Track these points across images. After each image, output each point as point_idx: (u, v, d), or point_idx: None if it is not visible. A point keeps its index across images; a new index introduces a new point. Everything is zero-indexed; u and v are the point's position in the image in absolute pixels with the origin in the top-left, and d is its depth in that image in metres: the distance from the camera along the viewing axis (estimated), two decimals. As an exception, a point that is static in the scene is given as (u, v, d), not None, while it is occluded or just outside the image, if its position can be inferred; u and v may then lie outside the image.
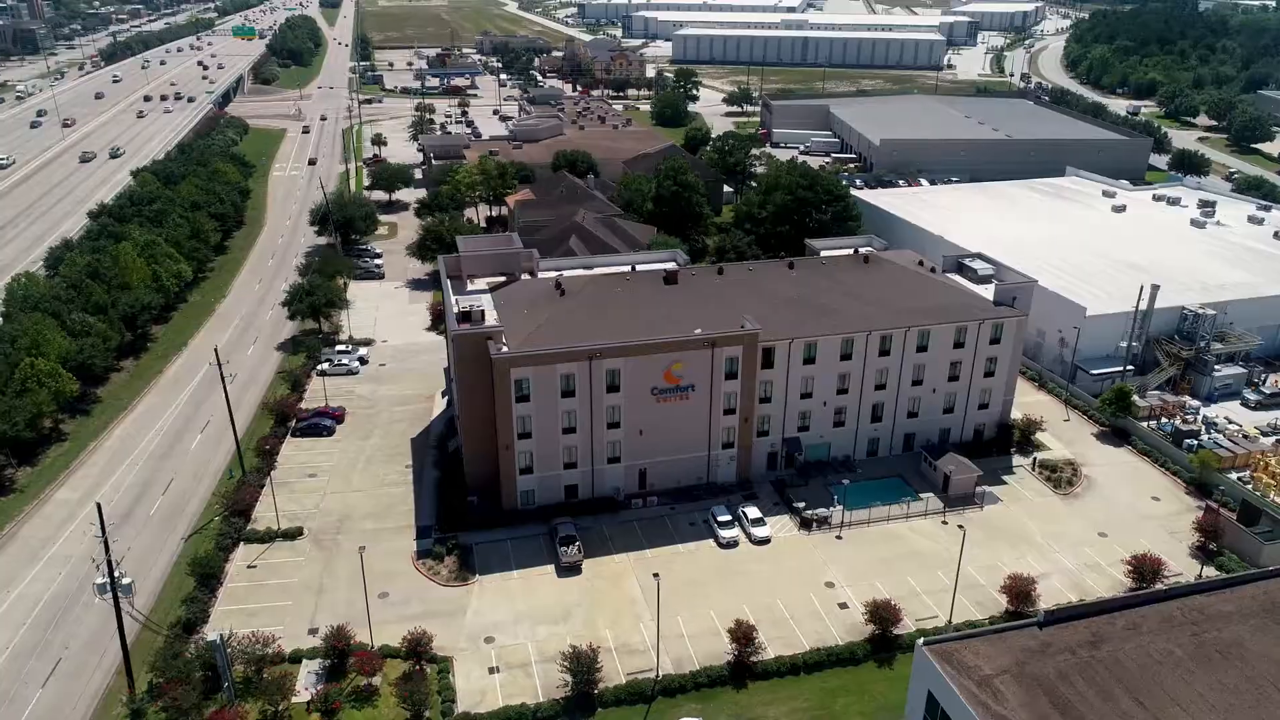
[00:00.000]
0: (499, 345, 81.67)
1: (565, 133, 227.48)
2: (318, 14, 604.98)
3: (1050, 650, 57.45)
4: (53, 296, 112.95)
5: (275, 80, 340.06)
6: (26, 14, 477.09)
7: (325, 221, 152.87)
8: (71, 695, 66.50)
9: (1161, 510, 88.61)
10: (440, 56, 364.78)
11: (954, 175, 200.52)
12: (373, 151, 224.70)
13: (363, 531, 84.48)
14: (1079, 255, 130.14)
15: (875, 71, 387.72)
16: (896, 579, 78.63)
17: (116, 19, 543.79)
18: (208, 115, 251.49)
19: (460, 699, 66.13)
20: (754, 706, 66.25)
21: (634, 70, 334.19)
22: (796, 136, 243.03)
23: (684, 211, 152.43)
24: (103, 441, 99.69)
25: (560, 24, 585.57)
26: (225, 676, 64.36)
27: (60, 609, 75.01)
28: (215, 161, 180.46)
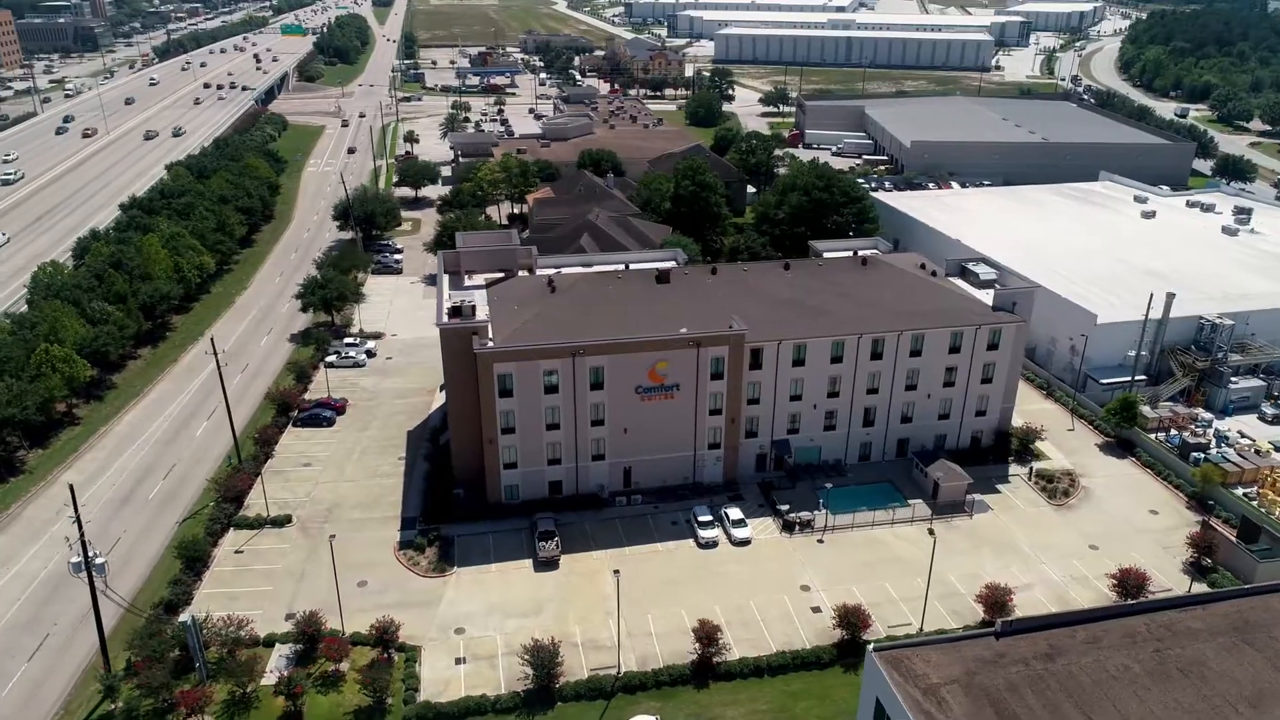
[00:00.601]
0: (483, 340, 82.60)
1: (595, 132, 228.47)
2: (369, 12, 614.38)
3: (1004, 661, 56.49)
4: (74, 285, 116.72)
5: (320, 78, 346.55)
6: (89, 12, 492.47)
7: (346, 216, 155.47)
8: (55, 670, 68.84)
9: (1158, 524, 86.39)
10: (482, 55, 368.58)
11: (986, 178, 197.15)
12: (405, 148, 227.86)
13: (350, 521, 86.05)
14: (1099, 261, 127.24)
15: (919, 72, 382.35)
16: (874, 584, 77.86)
17: (175, 17, 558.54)
18: (248, 111, 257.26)
19: (424, 688, 67.09)
20: (713, 706, 66.16)
21: (672, 70, 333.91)
22: (829, 138, 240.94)
23: (702, 211, 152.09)
24: (113, 426, 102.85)
25: (607, 23, 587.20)
26: (197, 657, 66.15)
27: (54, 586, 77.56)
28: (248, 157, 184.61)
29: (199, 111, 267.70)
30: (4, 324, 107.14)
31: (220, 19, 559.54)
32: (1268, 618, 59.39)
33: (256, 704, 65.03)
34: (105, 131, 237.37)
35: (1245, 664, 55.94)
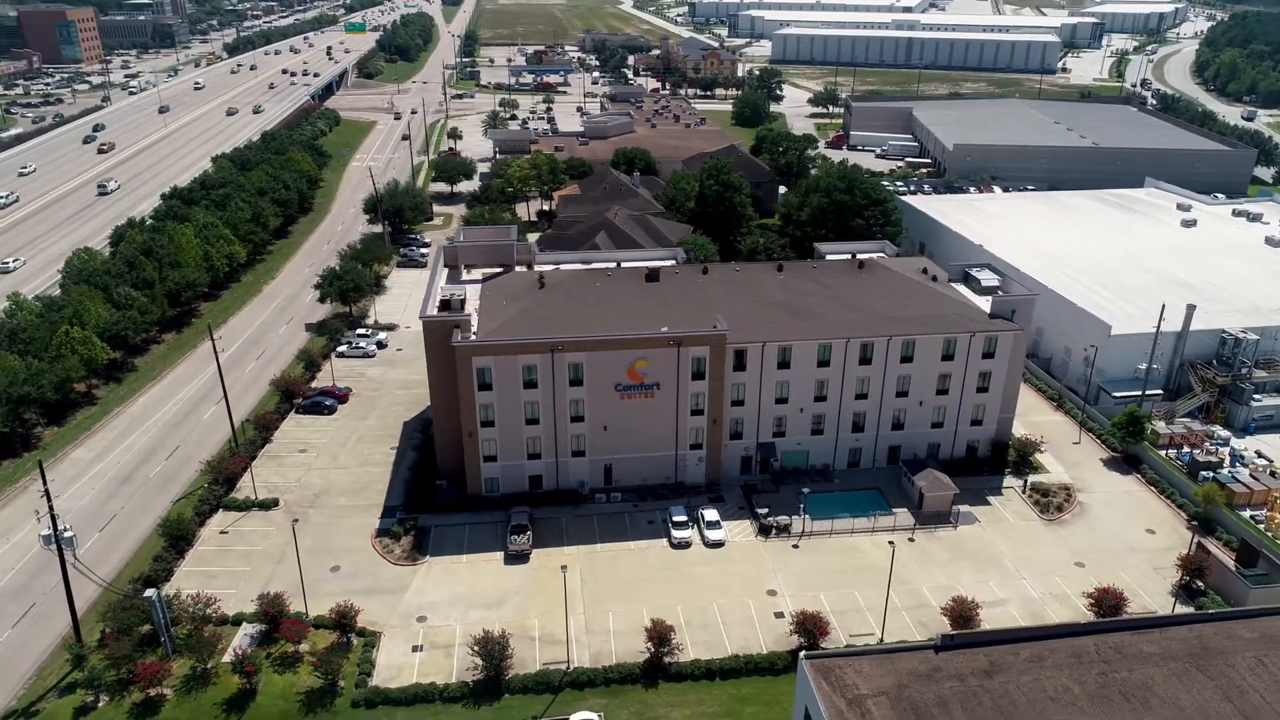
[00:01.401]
0: (465, 334, 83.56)
1: (636, 130, 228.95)
2: (438, 11, 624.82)
3: (939, 675, 55.19)
4: (103, 271, 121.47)
5: (378, 74, 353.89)
6: (170, 9, 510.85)
7: (376, 210, 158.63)
8: (34, 637, 71.79)
9: (1153, 544, 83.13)
10: (537, 54, 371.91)
11: (1030, 183, 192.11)
12: (449, 144, 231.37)
13: (335, 507, 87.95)
14: (1126, 271, 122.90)
15: (981, 74, 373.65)
16: (843, 592, 76.61)
17: (251, 14, 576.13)
18: (301, 107, 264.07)
19: (377, 673, 68.24)
20: (659, 706, 65.89)
21: (725, 70, 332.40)
22: (874, 139, 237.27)
23: (728, 212, 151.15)
24: (127, 407, 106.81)
25: (670, 23, 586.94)
26: (162, 631, 68.37)
27: (49, 558, 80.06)
28: (291, 150, 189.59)
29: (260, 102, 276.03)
30: (34, 306, 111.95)
31: (294, 17, 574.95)
32: (1229, 645, 56.88)
33: (215, 680, 66.91)
34: (125, 145, 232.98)
35: (1194, 692, 53.68)
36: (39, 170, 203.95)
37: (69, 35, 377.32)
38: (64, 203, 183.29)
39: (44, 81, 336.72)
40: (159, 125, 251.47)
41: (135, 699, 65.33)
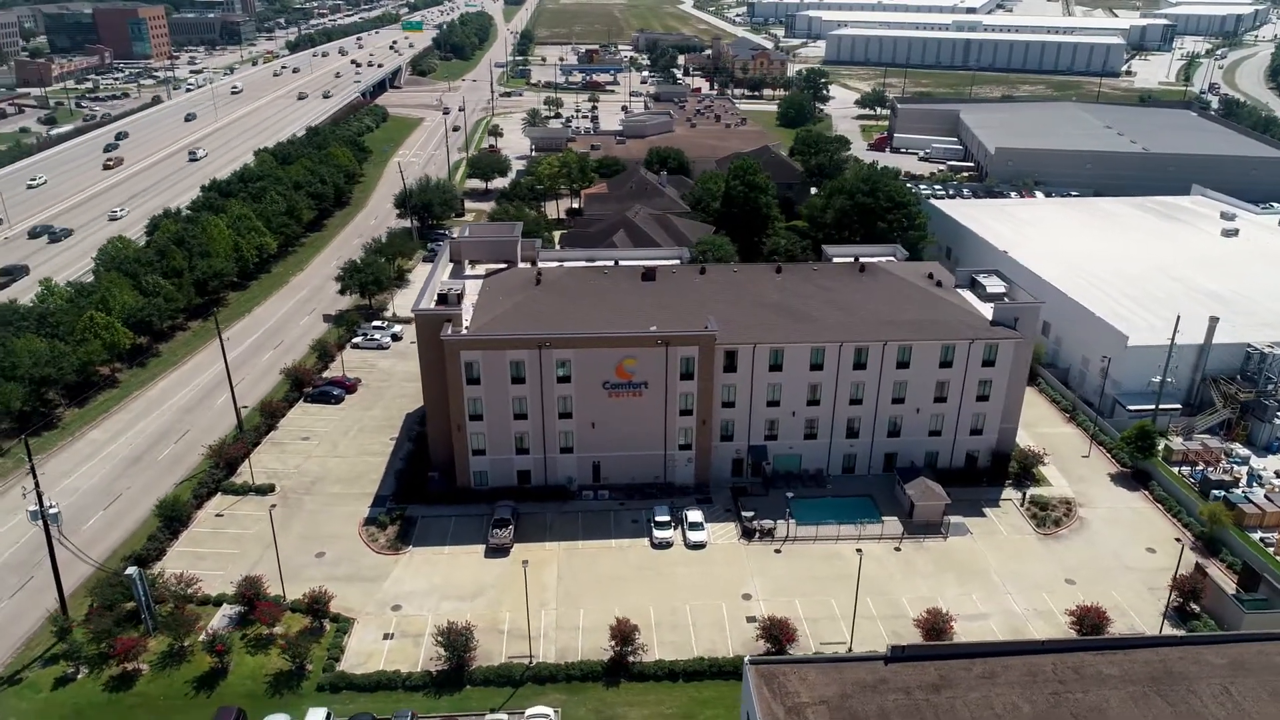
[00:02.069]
0: (456, 328, 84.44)
1: (675, 130, 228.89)
2: (498, 10, 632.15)
3: (885, 687, 54.21)
4: (134, 259, 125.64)
5: (432, 72, 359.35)
6: (239, 7, 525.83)
7: (405, 205, 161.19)
8: (28, 609, 74.62)
9: (1152, 563, 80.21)
10: (588, 53, 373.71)
11: (1074, 189, 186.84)
12: (490, 142, 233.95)
13: (329, 494, 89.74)
14: (1156, 280, 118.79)
15: (1041, 76, 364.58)
16: (819, 599, 75.57)
17: (318, 13, 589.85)
18: (351, 103, 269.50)
19: (346, 658, 69.48)
20: (617, 705, 65.83)
21: (774, 70, 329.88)
22: (918, 142, 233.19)
23: (754, 212, 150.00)
24: (146, 391, 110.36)
25: (728, 23, 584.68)
26: (143, 608, 70.53)
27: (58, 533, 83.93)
28: (332, 145, 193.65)
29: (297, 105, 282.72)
30: (65, 291, 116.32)
31: (359, 15, 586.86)
32: (1194, 670, 54.81)
33: (190, 658, 68.78)
34: (141, 155, 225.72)
35: (1149, 717, 51.69)
36: (49, 183, 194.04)
37: (140, 32, 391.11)
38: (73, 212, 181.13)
39: (113, 76, 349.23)
40: (185, 132, 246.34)
41: (113, 672, 67.56)
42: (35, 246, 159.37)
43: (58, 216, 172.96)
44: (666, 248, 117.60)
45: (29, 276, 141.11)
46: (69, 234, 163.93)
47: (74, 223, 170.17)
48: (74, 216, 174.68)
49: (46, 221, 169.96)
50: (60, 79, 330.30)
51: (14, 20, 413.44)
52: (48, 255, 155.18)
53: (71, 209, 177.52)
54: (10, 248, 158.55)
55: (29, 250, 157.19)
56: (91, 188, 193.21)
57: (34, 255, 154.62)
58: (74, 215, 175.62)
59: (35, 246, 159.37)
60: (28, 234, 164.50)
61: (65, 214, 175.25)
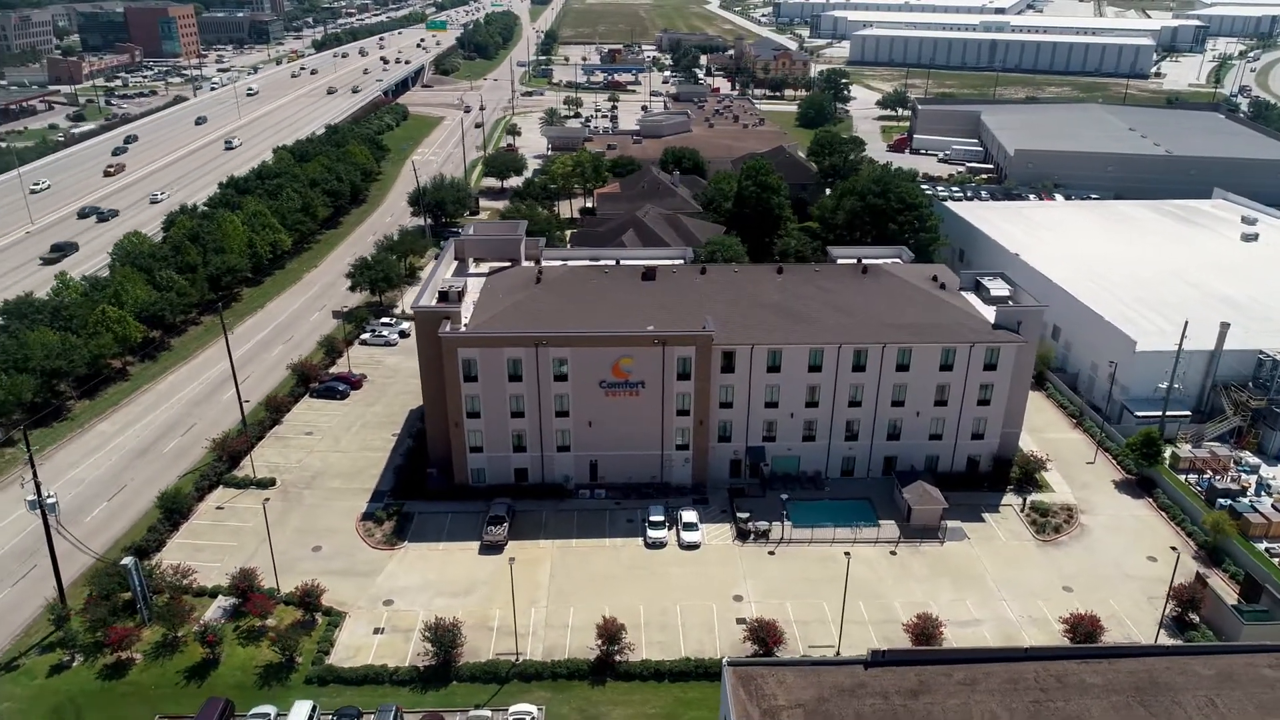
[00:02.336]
0: (455, 325, 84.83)
1: (692, 130, 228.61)
2: (524, 10, 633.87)
3: (863, 691, 53.81)
4: (149, 254, 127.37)
5: (455, 71, 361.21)
6: (268, 7, 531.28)
7: (418, 203, 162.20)
8: (30, 596, 75.74)
9: (1152, 572, 79.00)
10: (611, 53, 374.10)
11: (1095, 192, 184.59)
12: (508, 141, 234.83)
13: (328, 489, 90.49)
14: (1170, 285, 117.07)
15: (1067, 78, 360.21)
16: (811, 602, 75.17)
17: (345, 12, 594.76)
18: (372, 101, 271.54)
19: (336, 652, 70.02)
20: (601, 704, 65.87)
21: (796, 70, 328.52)
22: (938, 143, 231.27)
23: (766, 213, 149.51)
24: (155, 385, 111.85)
25: (754, 23, 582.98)
26: (138, 599, 71.49)
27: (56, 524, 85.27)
28: (350, 143, 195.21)
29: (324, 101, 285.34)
30: (80, 285, 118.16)
31: (386, 14, 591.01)
32: (1181, 681, 53.92)
33: (182, 648, 69.62)
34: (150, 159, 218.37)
35: (1131, 727, 50.93)
36: (53, 187, 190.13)
37: (169, 31, 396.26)
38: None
39: (142, 75, 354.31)
40: (194, 136, 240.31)
41: (107, 661, 68.52)
42: (84, 225, 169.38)
43: (56, 224, 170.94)
44: (674, 247, 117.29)
45: (78, 253, 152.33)
46: (115, 214, 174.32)
47: (119, 204, 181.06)
48: (119, 199, 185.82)
49: (94, 203, 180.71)
50: (90, 76, 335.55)
51: (49, 19, 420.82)
52: (96, 234, 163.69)
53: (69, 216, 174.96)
54: (62, 227, 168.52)
55: (79, 229, 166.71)
56: (92, 194, 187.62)
57: (83, 234, 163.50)
58: (119, 198, 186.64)
59: (84, 225, 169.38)
60: (77, 214, 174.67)
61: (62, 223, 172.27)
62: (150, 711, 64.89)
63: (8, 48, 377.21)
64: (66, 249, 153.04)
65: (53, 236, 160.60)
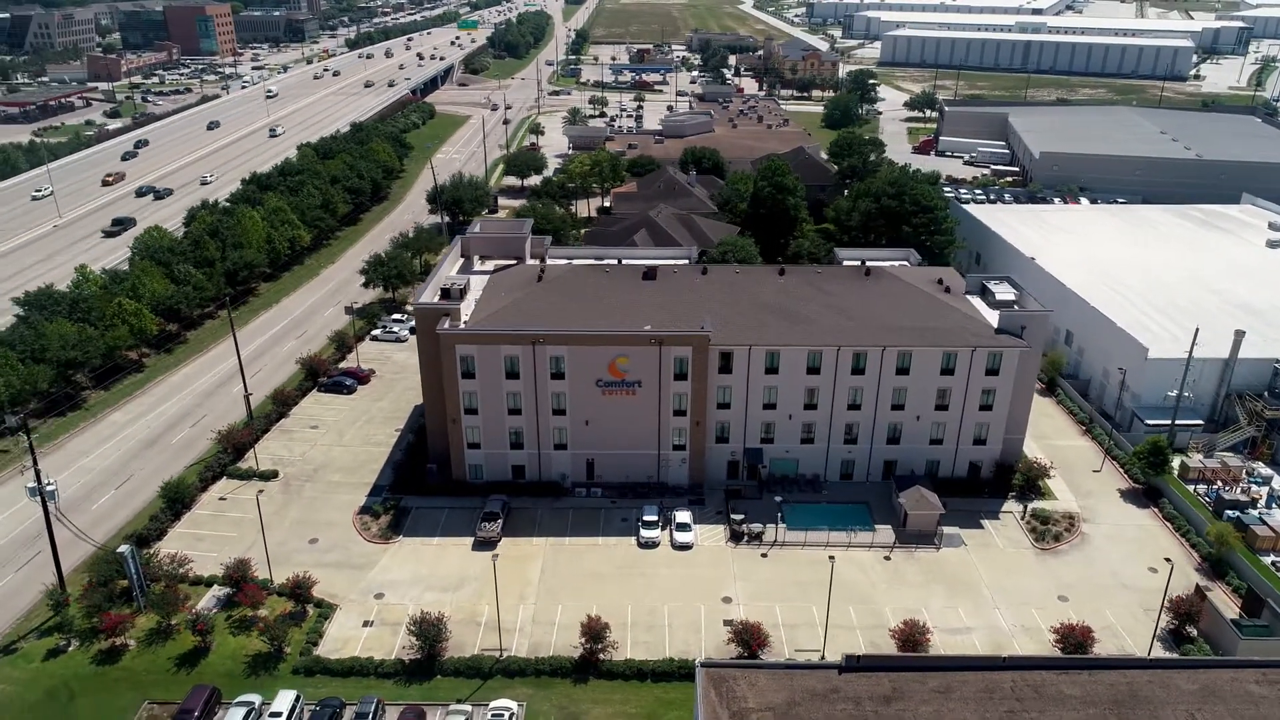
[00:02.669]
0: (454, 322, 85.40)
1: (715, 130, 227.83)
2: (558, 9, 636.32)
3: (836, 696, 53.41)
4: (167, 248, 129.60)
5: (484, 70, 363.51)
6: (305, 6, 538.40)
7: (436, 200, 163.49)
8: (31, 582, 77.35)
9: (1152, 583, 77.25)
10: (640, 52, 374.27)
11: (1121, 195, 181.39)
12: (531, 140, 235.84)
13: (329, 482, 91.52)
14: (1189, 291, 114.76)
15: (1102, 80, 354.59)
16: (800, 605, 74.68)
17: (381, 11, 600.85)
18: (399, 100, 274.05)
19: (324, 643, 70.79)
20: (582, 702, 65.96)
21: (825, 71, 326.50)
22: (964, 145, 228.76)
23: (782, 214, 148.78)
24: (169, 377, 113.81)
25: (786, 23, 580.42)
26: (134, 586, 72.81)
27: (63, 511, 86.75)
28: (374, 141, 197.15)
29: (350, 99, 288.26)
30: (99, 278, 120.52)
31: (421, 14, 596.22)
32: (1161, 695, 52.93)
33: (175, 636, 70.77)
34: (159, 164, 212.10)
35: (1105, 740, 50.04)
36: (55, 192, 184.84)
37: (207, 29, 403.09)
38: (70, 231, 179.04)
39: (178, 72, 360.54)
40: (206, 142, 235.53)
41: (102, 646, 69.81)
42: (143, 203, 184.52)
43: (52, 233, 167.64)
44: (679, 248, 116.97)
45: (136, 227, 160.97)
46: (170, 193, 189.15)
47: (172, 183, 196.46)
48: (173, 179, 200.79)
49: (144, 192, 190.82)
50: (128, 74, 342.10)
51: (91, 17, 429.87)
52: (152, 210, 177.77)
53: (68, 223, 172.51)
54: (121, 204, 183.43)
55: (137, 206, 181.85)
56: (89, 203, 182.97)
57: (141, 210, 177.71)
58: (173, 178, 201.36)
59: (143, 203, 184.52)
60: (135, 193, 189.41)
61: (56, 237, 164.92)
62: (140, 697, 66.00)
63: (50, 45, 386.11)
64: (126, 223, 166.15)
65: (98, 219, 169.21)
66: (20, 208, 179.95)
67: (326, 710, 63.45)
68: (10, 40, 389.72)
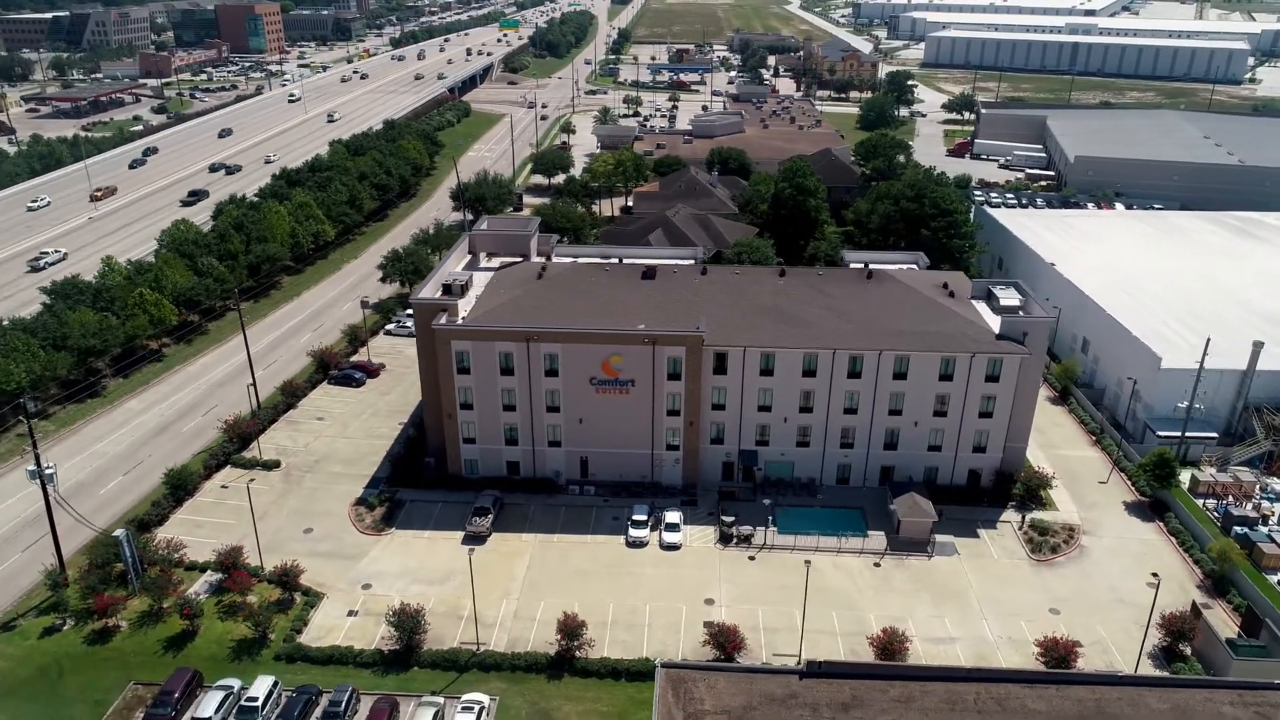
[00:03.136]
0: (452, 317, 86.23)
1: (745, 130, 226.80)
2: (603, 10, 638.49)
3: (793, 702, 53.03)
4: (192, 241, 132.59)
5: (524, 69, 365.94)
6: (354, 5, 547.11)
7: (459, 198, 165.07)
8: (35, 563, 79.57)
9: (1149, 599, 74.37)
10: (679, 52, 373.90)
11: (1159, 201, 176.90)
12: (562, 139, 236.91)
13: (330, 473, 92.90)
14: (1214, 300, 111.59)
15: (1152, 83, 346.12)
16: (783, 609, 74.03)
17: (429, 10, 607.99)
18: (436, 98, 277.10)
19: (308, 631, 71.89)
20: (555, 698, 66.14)
21: (864, 72, 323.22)
22: (1000, 148, 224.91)
23: (803, 215, 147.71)
24: (186, 366, 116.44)
25: (832, 24, 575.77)
26: (129, 569, 74.67)
27: (71, 494, 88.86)
28: (405, 138, 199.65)
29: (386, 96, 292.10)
30: (124, 269, 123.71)
31: (468, 13, 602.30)
32: (1128, 713, 51.79)
33: (165, 619, 72.40)
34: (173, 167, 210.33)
35: (1065, 757, 48.95)
36: (51, 205, 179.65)
37: (256, 27, 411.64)
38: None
39: (226, 70, 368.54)
40: (216, 150, 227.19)
41: (95, 626, 71.66)
42: (215, 178, 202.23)
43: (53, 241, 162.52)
44: (685, 248, 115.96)
45: (209, 198, 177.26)
46: (239, 169, 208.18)
47: (241, 161, 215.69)
48: (241, 156, 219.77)
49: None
50: (178, 71, 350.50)
51: (146, 15, 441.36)
52: (224, 184, 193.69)
53: (68, 234, 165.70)
54: (196, 178, 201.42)
55: (210, 180, 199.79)
56: (75, 219, 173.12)
57: (213, 184, 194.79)
58: (241, 156, 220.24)
59: (215, 178, 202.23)
60: (208, 169, 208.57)
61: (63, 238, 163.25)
62: (126, 677, 67.57)
63: (107, 43, 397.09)
64: (200, 195, 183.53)
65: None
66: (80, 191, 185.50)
67: (302, 697, 64.39)
68: (69, 37, 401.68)
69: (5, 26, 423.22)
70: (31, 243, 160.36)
